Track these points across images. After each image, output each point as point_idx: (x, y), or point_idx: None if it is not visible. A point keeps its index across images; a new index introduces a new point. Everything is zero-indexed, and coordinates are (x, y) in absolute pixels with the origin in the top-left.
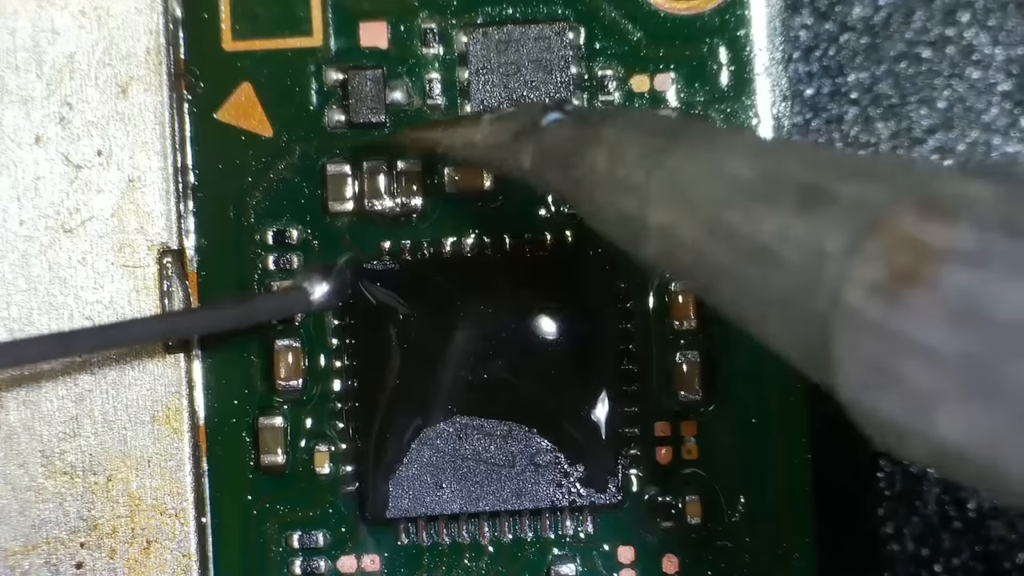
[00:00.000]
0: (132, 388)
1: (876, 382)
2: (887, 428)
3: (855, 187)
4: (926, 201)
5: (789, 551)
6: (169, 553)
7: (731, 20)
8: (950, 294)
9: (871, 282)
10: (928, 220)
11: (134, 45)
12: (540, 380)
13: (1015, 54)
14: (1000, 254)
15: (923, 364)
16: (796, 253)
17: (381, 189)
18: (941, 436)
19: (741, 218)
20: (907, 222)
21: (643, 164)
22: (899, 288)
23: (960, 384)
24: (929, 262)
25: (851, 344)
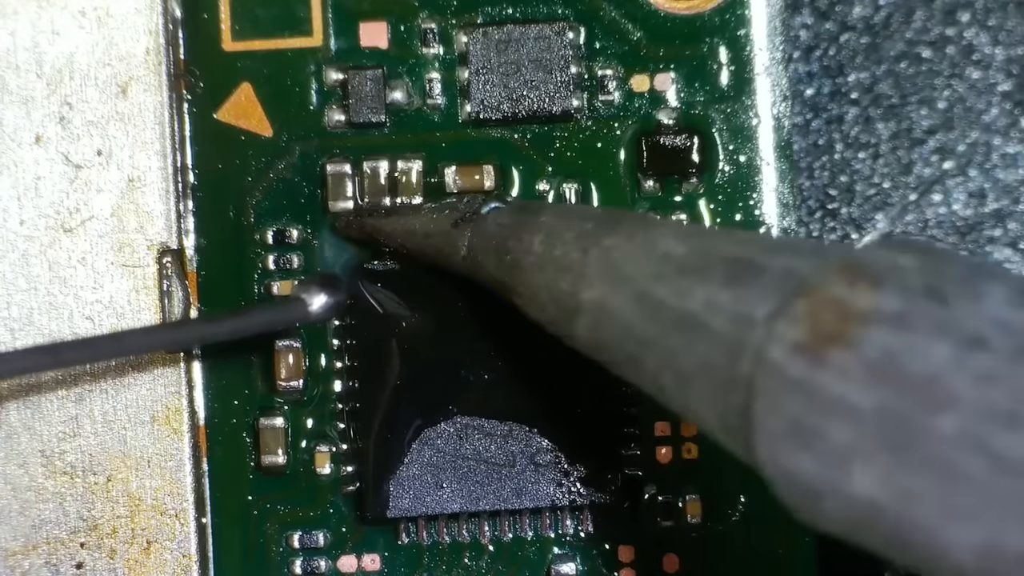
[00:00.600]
0: (132, 388)
1: (795, 439)
2: (803, 488)
3: (783, 259)
4: (853, 267)
5: (789, 551)
6: (169, 553)
7: (731, 20)
8: (870, 352)
9: (795, 341)
10: (854, 285)
11: (134, 45)
12: (540, 380)
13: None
14: (923, 316)
15: (841, 420)
16: (722, 320)
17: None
18: (856, 491)
19: (670, 290)
20: (834, 286)
21: (579, 244)
22: (821, 347)
23: (876, 438)
24: (852, 323)
25: (772, 401)
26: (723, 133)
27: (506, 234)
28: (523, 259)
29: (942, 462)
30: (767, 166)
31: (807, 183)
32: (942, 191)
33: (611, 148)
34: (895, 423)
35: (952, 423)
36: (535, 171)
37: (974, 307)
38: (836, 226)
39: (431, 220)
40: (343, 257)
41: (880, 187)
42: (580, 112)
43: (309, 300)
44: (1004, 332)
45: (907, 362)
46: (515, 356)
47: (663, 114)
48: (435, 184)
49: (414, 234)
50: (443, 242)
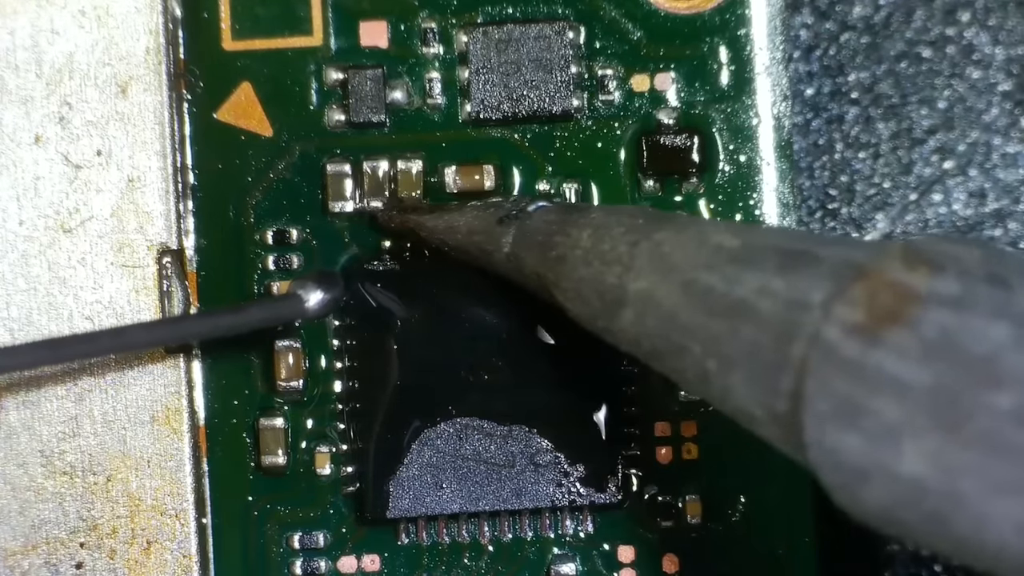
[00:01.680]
0: (132, 388)
1: (845, 418)
2: (848, 469)
3: (840, 250)
4: (912, 253)
5: (789, 551)
6: (169, 554)
7: (731, 19)
8: (928, 331)
9: (852, 322)
10: (913, 269)
11: (134, 45)
12: (540, 380)
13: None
14: (983, 298)
15: (894, 398)
16: (774, 306)
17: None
18: (904, 469)
19: (720, 278)
20: (892, 270)
21: (629, 237)
22: (878, 326)
23: (929, 415)
24: (911, 303)
25: (824, 381)
26: (723, 133)
27: (553, 230)
28: (569, 253)
29: (994, 438)
30: (767, 166)
31: (807, 183)
32: (942, 191)
33: (611, 148)
34: (949, 400)
35: (1007, 400)
36: (535, 171)
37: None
38: (836, 226)
39: (475, 217)
40: (343, 257)
41: (880, 187)
42: (580, 112)
43: (306, 296)
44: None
45: (964, 341)
46: (515, 356)
47: (663, 114)
48: (435, 184)
49: (457, 230)
50: (486, 239)
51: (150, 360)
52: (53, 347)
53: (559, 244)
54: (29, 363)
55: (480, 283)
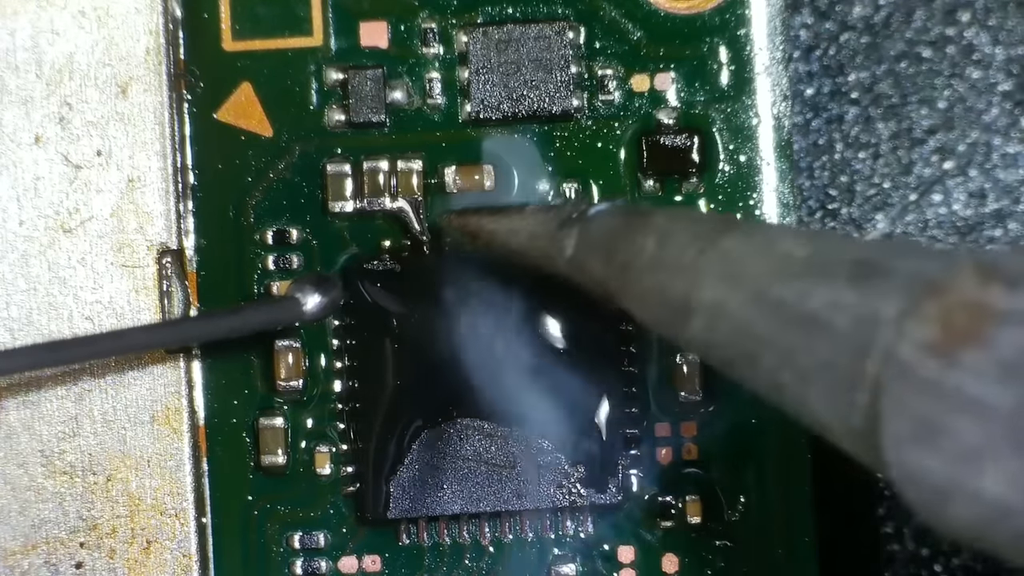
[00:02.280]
0: (132, 388)
1: (924, 439)
2: (930, 489)
3: (911, 262)
4: (986, 268)
5: (789, 551)
6: (169, 553)
7: (731, 19)
8: (1006, 352)
9: (926, 341)
10: (987, 285)
11: (134, 45)
12: (540, 380)
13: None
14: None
15: (974, 419)
16: (847, 320)
17: (381, 189)
18: (987, 492)
19: (791, 290)
20: (967, 286)
21: (695, 245)
22: (954, 346)
23: (1010, 439)
24: (987, 322)
25: (901, 401)
26: (723, 133)
27: (616, 235)
28: (634, 260)
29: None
30: (767, 166)
31: (807, 183)
32: (942, 191)
33: (611, 148)
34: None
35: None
36: (535, 171)
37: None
38: (836, 226)
39: (536, 221)
40: (342, 257)
41: (880, 187)
42: (580, 112)
43: (304, 299)
44: None
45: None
46: (516, 357)
47: (663, 114)
48: (436, 184)
49: (518, 234)
50: (548, 243)
51: (150, 360)
52: (52, 349)
53: (623, 250)
54: (28, 365)
55: (480, 283)
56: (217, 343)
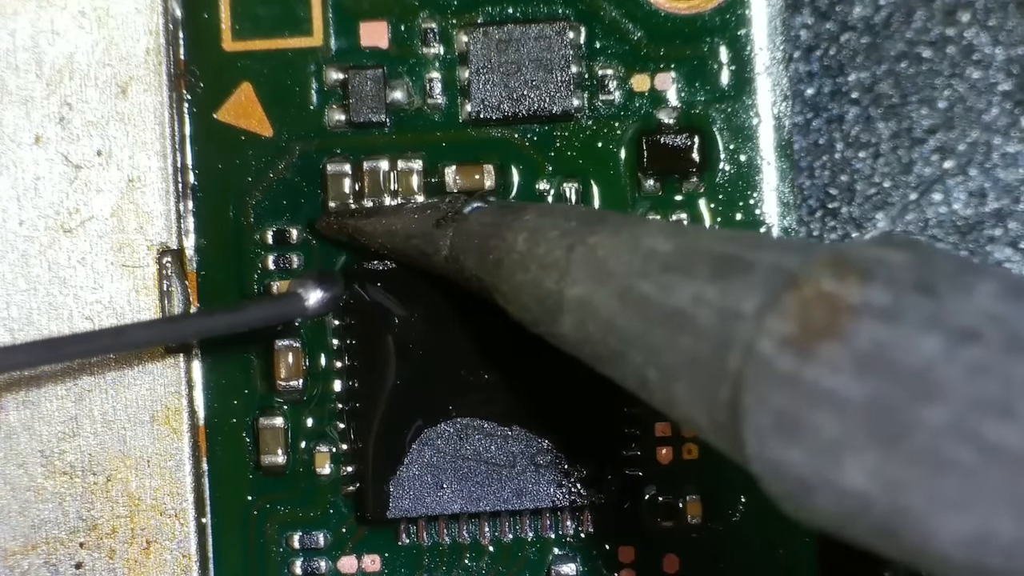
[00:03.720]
0: (132, 388)
1: (784, 433)
2: (792, 481)
3: (771, 255)
4: (841, 261)
5: (789, 551)
6: (169, 553)
7: (732, 19)
8: (860, 345)
9: (784, 335)
10: (843, 279)
11: (134, 45)
12: (540, 380)
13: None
14: (914, 309)
15: (831, 413)
16: (709, 315)
17: (381, 189)
18: (847, 484)
19: (655, 286)
20: (822, 280)
21: (563, 241)
22: (811, 340)
23: (866, 430)
24: (842, 316)
25: (761, 395)
26: (724, 132)
27: (489, 233)
28: (506, 258)
29: (933, 453)
30: (768, 165)
31: (807, 182)
32: (942, 190)
33: (611, 148)
34: (885, 415)
35: (943, 414)
36: (535, 171)
37: (964, 300)
38: (836, 225)
39: (412, 220)
40: (342, 257)
41: (880, 186)
42: (580, 112)
43: (306, 295)
44: (995, 325)
45: (897, 354)
46: (515, 356)
47: (663, 113)
48: (436, 184)
49: (395, 235)
50: (424, 243)
51: (150, 360)
52: (52, 347)
53: (495, 248)
54: (28, 362)
55: None
56: (217, 342)
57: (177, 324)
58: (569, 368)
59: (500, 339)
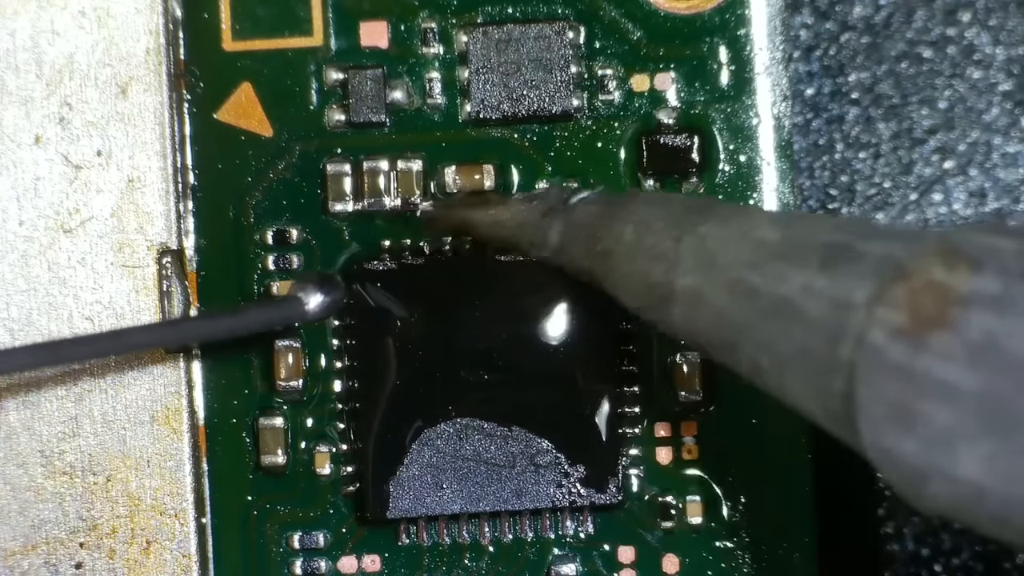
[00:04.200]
0: (132, 388)
1: (899, 423)
2: (908, 470)
3: (880, 244)
4: (950, 250)
5: (789, 551)
6: (169, 553)
7: (731, 19)
8: (972, 335)
9: (895, 326)
10: (953, 268)
11: (134, 45)
12: (540, 380)
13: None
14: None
15: (944, 403)
16: (820, 306)
17: (381, 189)
18: (961, 473)
19: (765, 277)
20: (932, 270)
21: (671, 232)
22: (922, 330)
23: (980, 421)
24: (953, 305)
25: (875, 386)
26: (723, 133)
27: (596, 224)
28: (615, 248)
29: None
30: (767, 166)
31: (807, 183)
32: (943, 191)
33: (611, 148)
34: (998, 406)
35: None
36: (535, 171)
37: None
38: None
39: (520, 212)
40: (342, 257)
41: (881, 187)
42: (580, 112)
43: (306, 299)
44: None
45: (1009, 344)
46: (515, 356)
47: (663, 114)
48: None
49: (503, 225)
50: (533, 233)
51: (150, 360)
52: (52, 349)
53: (604, 239)
54: (27, 365)
55: (479, 282)
56: (218, 343)
57: (177, 327)
58: (569, 368)
59: (500, 339)
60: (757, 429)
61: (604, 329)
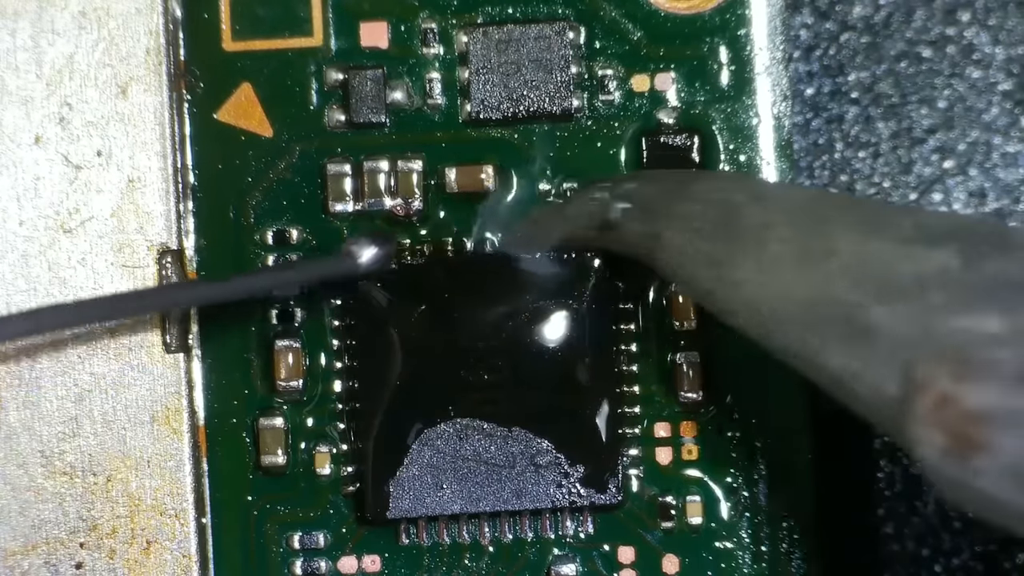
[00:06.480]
0: (132, 388)
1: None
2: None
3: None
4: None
5: (789, 551)
6: (169, 553)
7: (731, 19)
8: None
9: (939, 446)
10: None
11: (134, 45)
12: (540, 381)
13: (1015, 53)
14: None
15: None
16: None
17: (381, 189)
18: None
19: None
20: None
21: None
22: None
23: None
24: (977, 426)
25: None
26: (723, 132)
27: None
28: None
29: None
30: (767, 165)
31: (807, 182)
32: (942, 190)
33: (611, 148)
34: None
35: None
36: (535, 171)
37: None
38: None
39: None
40: None
41: (880, 186)
42: (580, 112)
43: (359, 252)
44: None
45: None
46: (515, 356)
47: (663, 114)
48: (435, 184)
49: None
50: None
51: (150, 360)
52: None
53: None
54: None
55: (480, 283)
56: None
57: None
58: (569, 368)
59: (500, 339)
60: (757, 429)
61: (604, 329)
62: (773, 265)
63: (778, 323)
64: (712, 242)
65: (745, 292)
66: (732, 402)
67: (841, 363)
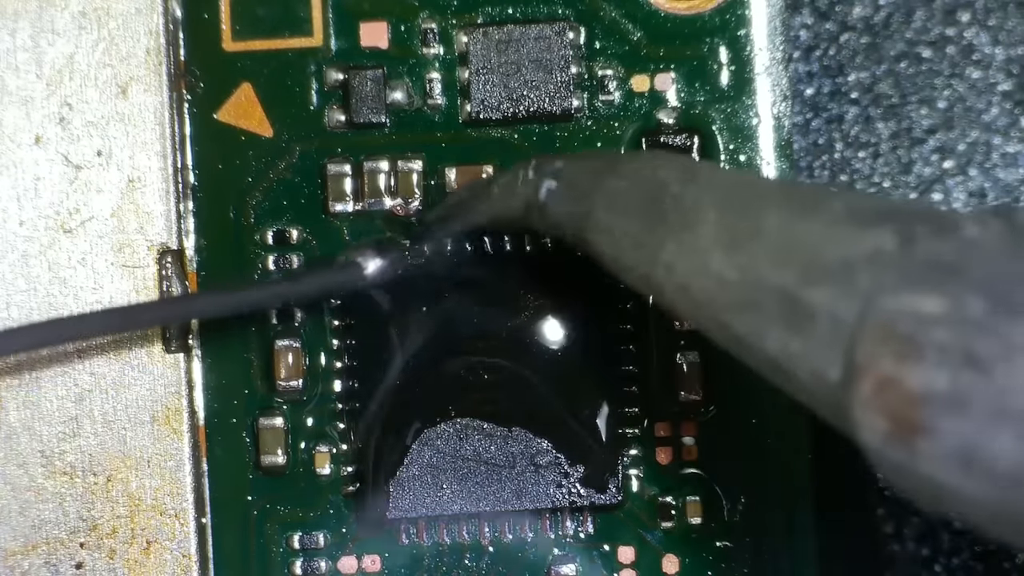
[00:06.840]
0: (132, 388)
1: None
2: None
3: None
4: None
5: (789, 551)
6: (169, 553)
7: (731, 20)
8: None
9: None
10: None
11: (134, 45)
12: (540, 381)
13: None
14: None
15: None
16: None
17: (381, 189)
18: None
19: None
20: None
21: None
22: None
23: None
24: (919, 408)
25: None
26: (723, 133)
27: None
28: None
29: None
30: (767, 165)
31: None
32: (942, 190)
33: (611, 148)
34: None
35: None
36: None
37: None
38: None
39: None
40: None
41: (880, 186)
42: (580, 112)
43: (365, 264)
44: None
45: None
46: (515, 356)
47: (663, 114)
48: (435, 184)
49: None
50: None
51: (150, 360)
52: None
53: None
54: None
55: (480, 283)
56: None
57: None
58: (569, 368)
59: (500, 339)
60: (757, 429)
61: (604, 329)
62: (701, 246)
63: (711, 307)
64: (640, 221)
65: (676, 275)
66: (732, 402)
67: (778, 347)
